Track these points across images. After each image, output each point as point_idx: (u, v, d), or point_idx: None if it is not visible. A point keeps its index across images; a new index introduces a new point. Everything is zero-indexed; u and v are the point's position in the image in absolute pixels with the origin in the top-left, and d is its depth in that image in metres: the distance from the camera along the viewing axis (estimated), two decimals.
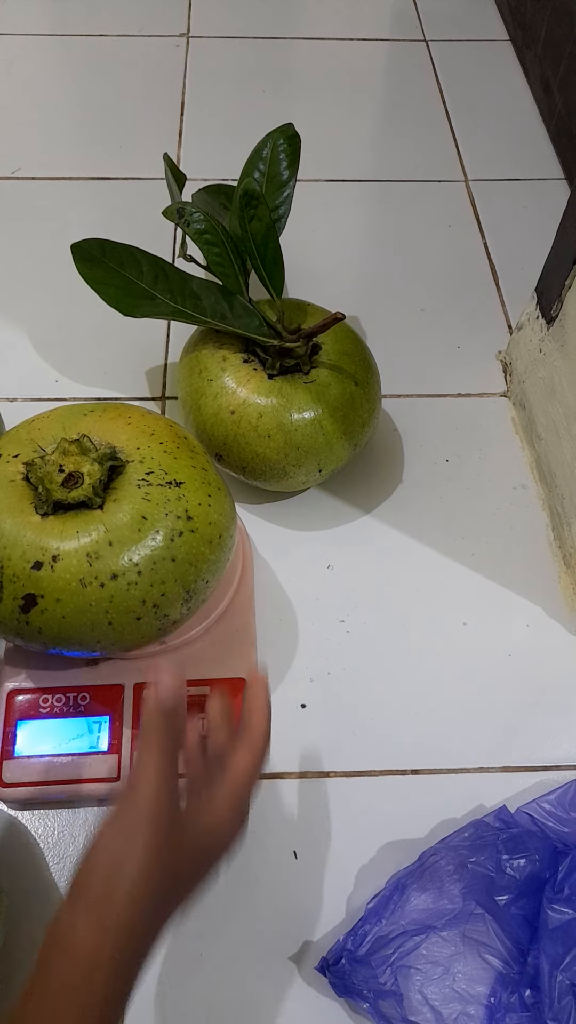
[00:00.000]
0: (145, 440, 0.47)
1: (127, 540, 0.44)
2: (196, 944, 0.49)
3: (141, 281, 0.59)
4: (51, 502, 0.44)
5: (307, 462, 0.60)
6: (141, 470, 0.46)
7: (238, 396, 0.59)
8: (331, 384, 0.60)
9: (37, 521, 0.44)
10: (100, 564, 0.43)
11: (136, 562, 0.44)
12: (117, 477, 0.46)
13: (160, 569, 0.45)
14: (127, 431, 0.48)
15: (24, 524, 0.44)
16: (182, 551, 0.45)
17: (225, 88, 1.03)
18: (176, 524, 0.45)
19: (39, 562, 0.43)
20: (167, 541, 0.45)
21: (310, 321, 0.62)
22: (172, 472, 0.46)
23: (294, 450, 0.59)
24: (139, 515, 0.44)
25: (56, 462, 0.45)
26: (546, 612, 0.62)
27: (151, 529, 0.44)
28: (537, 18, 1.00)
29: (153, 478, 0.46)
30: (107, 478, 0.46)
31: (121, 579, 0.43)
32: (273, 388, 0.59)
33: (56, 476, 0.44)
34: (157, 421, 0.50)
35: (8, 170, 0.91)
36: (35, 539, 0.43)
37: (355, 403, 0.61)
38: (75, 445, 0.46)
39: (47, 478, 0.44)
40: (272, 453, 0.59)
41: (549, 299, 0.65)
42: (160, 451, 0.47)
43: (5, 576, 0.43)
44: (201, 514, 0.46)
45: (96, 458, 0.45)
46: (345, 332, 0.63)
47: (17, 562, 0.43)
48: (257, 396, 0.59)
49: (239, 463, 0.61)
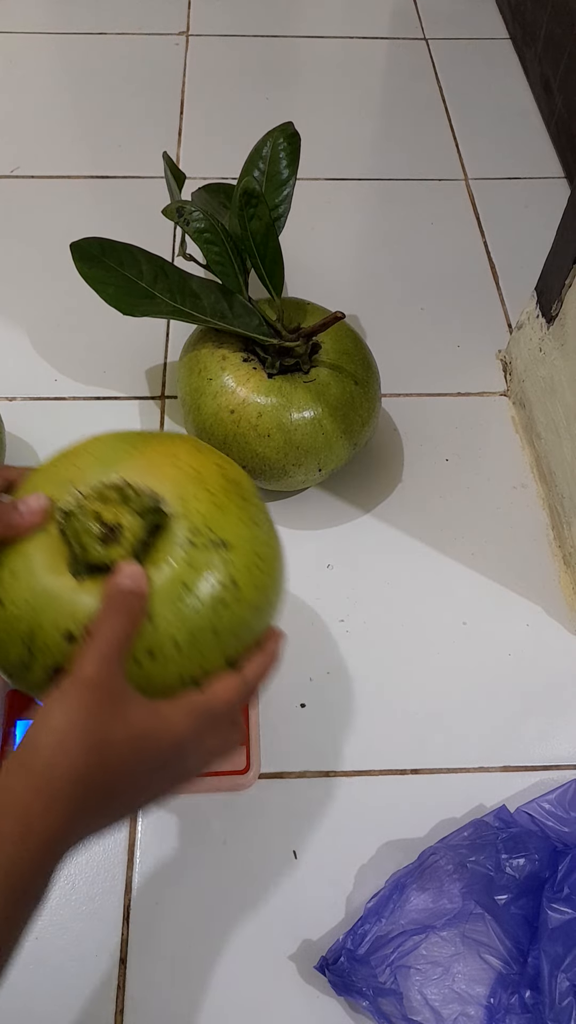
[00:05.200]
0: (191, 487, 0.42)
1: (165, 613, 0.39)
2: (195, 943, 0.49)
3: (141, 280, 0.59)
4: (86, 563, 0.39)
5: (307, 461, 0.60)
6: (185, 528, 0.40)
7: (238, 395, 0.59)
8: (331, 383, 0.60)
9: (71, 584, 0.39)
10: (136, 640, 0.38)
11: (174, 636, 0.39)
12: (158, 533, 0.41)
13: (200, 642, 0.40)
14: (172, 475, 0.42)
15: (57, 586, 0.39)
16: (225, 621, 0.40)
17: (225, 87, 1.03)
18: (220, 593, 0.40)
19: (72, 634, 0.38)
20: (209, 612, 0.39)
21: (310, 320, 0.62)
22: (219, 529, 0.41)
23: (294, 449, 0.59)
24: (180, 582, 0.39)
25: (93, 511, 0.40)
26: (546, 612, 0.62)
27: (193, 599, 0.39)
28: (537, 16, 1.00)
29: (198, 538, 0.40)
30: (147, 534, 0.40)
31: (158, 655, 0.39)
32: (273, 387, 0.59)
33: (93, 529, 0.40)
34: (206, 461, 0.44)
35: (7, 168, 0.91)
36: (68, 606, 0.39)
37: (355, 402, 0.60)
38: (115, 491, 0.41)
39: (84, 533, 0.40)
40: (272, 452, 0.59)
41: (549, 298, 0.65)
42: (207, 502, 0.42)
43: (36, 644, 0.39)
44: (248, 580, 0.41)
45: (138, 509, 0.40)
46: (345, 331, 0.63)
47: (49, 630, 0.39)
48: (257, 395, 0.58)
49: (239, 462, 0.60)
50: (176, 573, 0.39)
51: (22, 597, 0.39)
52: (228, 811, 0.53)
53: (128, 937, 0.49)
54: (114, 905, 0.50)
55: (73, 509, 0.41)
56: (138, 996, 0.47)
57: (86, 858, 0.51)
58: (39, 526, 0.40)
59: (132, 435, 0.45)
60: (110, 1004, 0.47)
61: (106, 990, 0.47)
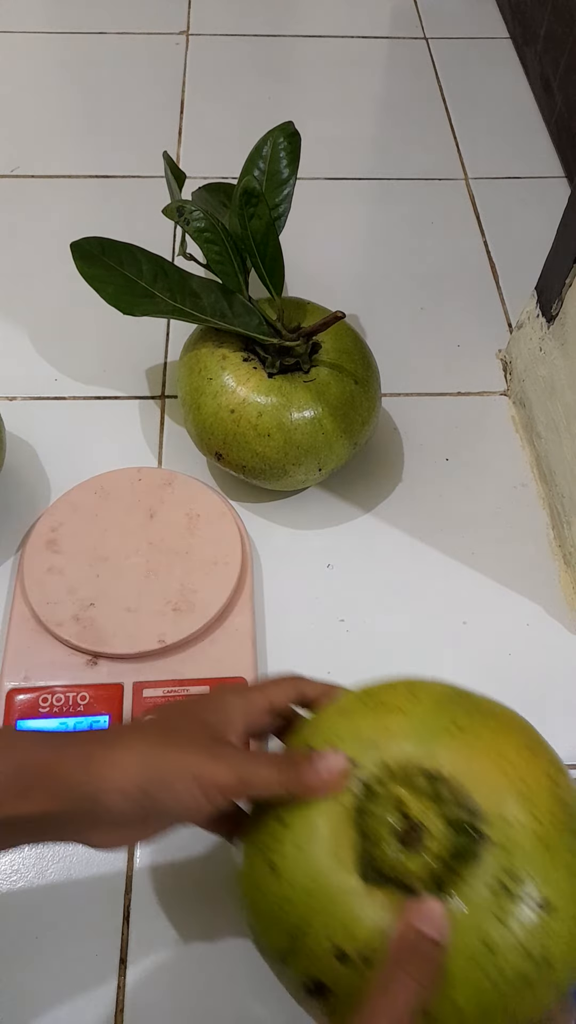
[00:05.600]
0: (515, 808, 0.33)
1: (459, 974, 0.31)
2: (196, 942, 0.49)
3: (141, 280, 0.59)
4: (378, 870, 0.33)
5: (307, 461, 0.60)
6: (499, 864, 0.32)
7: (238, 395, 0.59)
8: (331, 383, 0.60)
9: (356, 887, 0.33)
10: None
11: (462, 1008, 0.31)
12: (465, 860, 0.33)
13: (489, 1021, 0.33)
14: (494, 780, 0.34)
15: (341, 885, 0.33)
16: (525, 1003, 0.32)
17: (225, 86, 1.03)
18: (527, 968, 0.31)
19: (344, 954, 0.32)
20: (509, 988, 0.31)
21: (310, 320, 0.62)
22: (542, 879, 0.32)
23: (294, 449, 0.59)
24: (483, 941, 0.31)
25: (396, 797, 0.34)
26: (546, 611, 0.62)
27: (493, 967, 0.31)
28: (537, 15, 1.00)
29: (514, 885, 0.32)
30: (451, 855, 0.33)
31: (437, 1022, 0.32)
32: (273, 387, 0.59)
33: (393, 821, 0.34)
34: (537, 770, 0.35)
35: (7, 168, 0.91)
36: (348, 917, 0.32)
37: (355, 401, 0.60)
38: (427, 780, 0.34)
39: (382, 829, 0.34)
40: (272, 452, 0.59)
41: (549, 297, 0.65)
42: (532, 835, 0.33)
43: (300, 945, 0.33)
44: (564, 957, 0.32)
45: (450, 817, 0.33)
46: (345, 330, 0.63)
47: (319, 938, 0.32)
48: (257, 395, 0.58)
49: (239, 462, 0.60)
50: (480, 927, 0.31)
51: (301, 882, 0.33)
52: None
53: (128, 937, 0.49)
54: (114, 905, 0.50)
55: (374, 785, 0.34)
56: (138, 996, 0.47)
57: (87, 858, 0.51)
58: (333, 793, 0.34)
59: (457, 698, 0.38)
60: (110, 1004, 0.47)
61: (106, 990, 0.47)
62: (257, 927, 0.36)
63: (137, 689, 0.54)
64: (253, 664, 0.56)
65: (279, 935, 0.34)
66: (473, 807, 0.33)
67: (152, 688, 0.54)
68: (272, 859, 0.34)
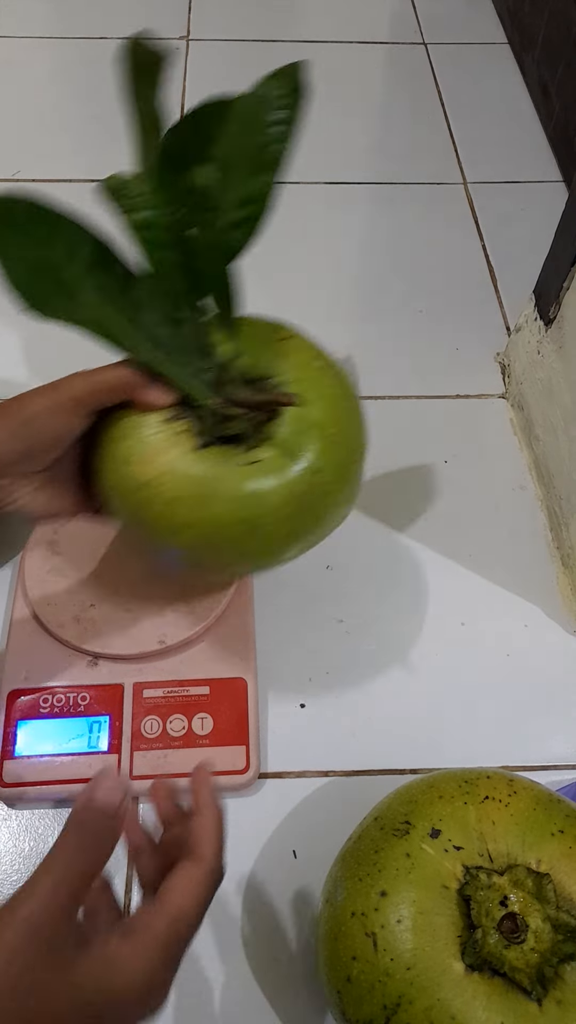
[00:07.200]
0: None
1: None
2: (195, 943, 0.49)
3: (68, 266, 0.41)
4: (480, 954, 0.33)
5: (233, 566, 0.49)
6: None
7: (152, 467, 0.42)
8: (283, 468, 0.42)
9: (458, 972, 0.33)
10: None
11: None
12: (567, 962, 0.33)
13: None
14: None
15: (447, 970, 0.33)
16: None
17: (225, 90, 1.03)
18: None
19: None
20: None
21: (280, 360, 0.44)
22: None
23: (213, 552, 0.45)
24: None
25: (502, 890, 0.34)
26: (544, 612, 0.63)
27: None
28: (535, 21, 1.01)
29: None
30: (555, 962, 0.33)
31: None
32: (199, 462, 0.42)
33: (496, 911, 0.34)
34: None
35: (8, 173, 0.91)
36: (445, 1003, 0.32)
37: (314, 499, 0.43)
38: (532, 879, 0.35)
39: (486, 919, 0.34)
40: (187, 548, 0.45)
41: (547, 301, 0.65)
42: None
43: (393, 1019, 0.33)
44: None
45: (553, 918, 0.34)
46: (331, 387, 0.45)
47: (418, 1016, 0.32)
48: (175, 472, 0.41)
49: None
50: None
51: (404, 961, 0.33)
52: (227, 811, 0.53)
53: None
54: None
55: (480, 875, 0.35)
56: None
57: None
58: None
59: (555, 802, 0.39)
60: None
61: None
62: (345, 994, 0.36)
63: (137, 689, 0.54)
64: (253, 665, 0.56)
65: (373, 1007, 0.34)
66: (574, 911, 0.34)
67: (152, 688, 0.54)
68: (373, 930, 0.34)
